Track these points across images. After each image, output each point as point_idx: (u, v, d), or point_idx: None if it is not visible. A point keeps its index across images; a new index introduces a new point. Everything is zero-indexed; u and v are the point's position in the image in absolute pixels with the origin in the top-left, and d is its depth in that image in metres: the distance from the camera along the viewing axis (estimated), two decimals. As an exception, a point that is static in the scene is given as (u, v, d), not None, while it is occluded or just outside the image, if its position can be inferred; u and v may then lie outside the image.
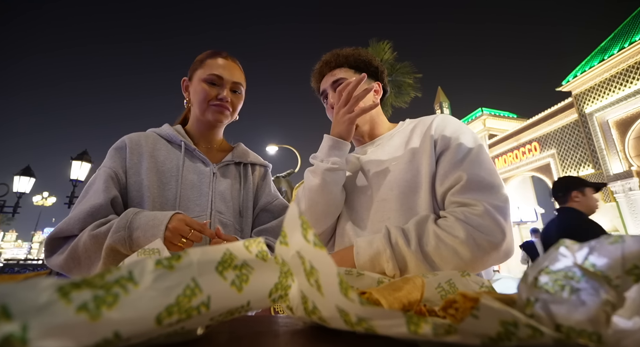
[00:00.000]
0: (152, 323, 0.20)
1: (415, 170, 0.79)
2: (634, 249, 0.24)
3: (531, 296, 0.24)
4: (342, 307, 0.24)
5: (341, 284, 0.23)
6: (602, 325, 0.21)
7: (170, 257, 0.22)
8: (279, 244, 0.30)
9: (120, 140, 0.92)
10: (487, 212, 0.64)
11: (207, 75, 0.91)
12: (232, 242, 0.27)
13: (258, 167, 1.08)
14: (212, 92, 0.91)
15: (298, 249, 0.27)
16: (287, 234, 0.28)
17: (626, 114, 9.98)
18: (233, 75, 0.94)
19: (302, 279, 0.28)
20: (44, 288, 0.17)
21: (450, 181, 0.72)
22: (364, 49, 1.00)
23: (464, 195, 0.68)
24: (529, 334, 0.19)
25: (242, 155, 1.05)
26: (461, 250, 0.62)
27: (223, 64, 0.94)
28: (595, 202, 2.15)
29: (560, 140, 12.35)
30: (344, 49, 1.00)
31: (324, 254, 0.24)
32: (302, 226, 0.26)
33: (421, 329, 0.20)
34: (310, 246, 0.25)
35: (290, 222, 0.27)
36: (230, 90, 0.95)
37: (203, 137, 1.01)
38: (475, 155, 0.74)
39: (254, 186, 1.03)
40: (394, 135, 0.94)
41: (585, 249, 0.26)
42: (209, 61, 0.94)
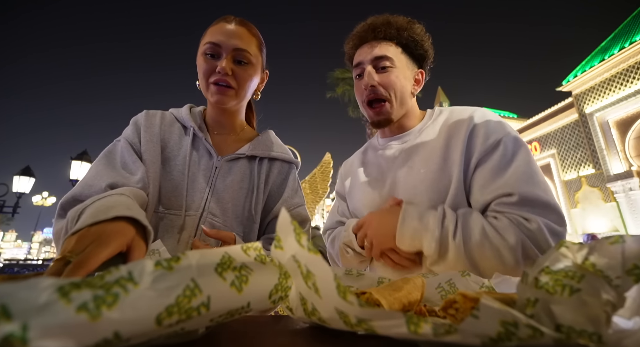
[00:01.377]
0: (152, 323, 0.20)
1: (447, 180, 0.71)
2: (634, 249, 0.24)
3: (531, 296, 0.24)
4: (341, 309, 0.24)
5: (338, 288, 0.23)
6: (603, 325, 0.21)
7: (170, 259, 0.22)
8: (274, 248, 0.30)
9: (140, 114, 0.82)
10: (541, 230, 0.59)
11: (205, 44, 0.74)
12: (229, 246, 0.27)
13: (279, 163, 0.87)
14: (209, 66, 0.74)
15: (293, 253, 0.27)
16: (281, 239, 0.29)
17: (626, 114, 9.98)
18: (234, 40, 0.74)
19: (299, 281, 0.28)
20: (44, 288, 0.17)
21: (496, 191, 0.65)
22: (419, 24, 0.84)
23: (518, 210, 0.62)
24: (529, 334, 0.19)
25: (262, 147, 0.86)
26: (506, 254, 0.58)
27: (225, 29, 0.75)
28: None
29: (560, 141, 12.35)
30: (398, 17, 0.83)
31: (319, 259, 0.24)
32: (294, 231, 0.26)
33: (421, 329, 0.20)
34: (304, 250, 0.25)
35: (283, 227, 0.27)
36: (232, 60, 0.75)
37: (217, 123, 0.85)
38: (525, 166, 0.66)
39: (267, 186, 0.84)
40: (422, 131, 0.82)
41: (585, 249, 0.26)
42: (211, 29, 0.77)
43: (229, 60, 0.74)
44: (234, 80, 0.76)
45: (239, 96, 0.78)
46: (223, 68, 0.73)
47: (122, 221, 0.46)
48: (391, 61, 0.80)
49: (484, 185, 0.67)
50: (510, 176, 0.65)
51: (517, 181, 0.64)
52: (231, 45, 0.74)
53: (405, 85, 0.81)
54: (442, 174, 0.72)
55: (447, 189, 0.70)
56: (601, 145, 10.52)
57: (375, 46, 0.81)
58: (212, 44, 0.74)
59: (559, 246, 0.28)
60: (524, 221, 0.60)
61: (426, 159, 0.76)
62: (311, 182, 4.65)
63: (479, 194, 0.67)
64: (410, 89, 0.84)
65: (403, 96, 0.81)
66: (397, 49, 0.81)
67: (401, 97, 0.81)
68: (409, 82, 0.83)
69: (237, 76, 0.76)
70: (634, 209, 9.74)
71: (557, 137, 12.42)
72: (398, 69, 0.80)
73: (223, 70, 0.73)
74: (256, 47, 0.80)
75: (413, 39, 0.82)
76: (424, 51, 0.84)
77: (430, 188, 0.72)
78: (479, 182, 0.68)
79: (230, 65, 0.74)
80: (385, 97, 0.79)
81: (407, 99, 0.83)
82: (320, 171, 4.72)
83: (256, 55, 0.79)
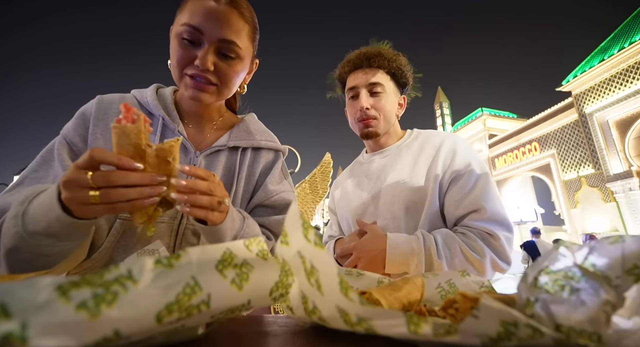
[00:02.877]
0: (152, 321, 0.20)
1: (422, 194, 0.85)
2: (633, 249, 0.24)
3: (531, 296, 0.24)
4: (342, 307, 0.24)
5: (341, 284, 0.23)
6: (602, 325, 0.21)
7: (170, 256, 0.22)
8: (280, 243, 0.30)
9: (90, 102, 0.67)
10: (501, 243, 0.76)
11: (182, 26, 0.59)
12: (231, 242, 0.27)
13: (265, 152, 0.77)
14: (186, 54, 0.60)
15: (299, 249, 0.27)
16: (287, 234, 0.29)
17: (626, 114, 9.99)
18: (221, 28, 0.59)
19: (302, 278, 0.28)
20: (43, 287, 0.17)
21: (467, 208, 0.80)
22: (404, 57, 0.98)
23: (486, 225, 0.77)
24: (529, 334, 0.19)
25: (244, 135, 0.75)
26: (479, 267, 0.74)
27: (210, 9, 0.59)
28: None
29: (560, 140, 12.35)
30: (386, 50, 0.97)
31: (324, 254, 0.24)
32: (303, 226, 0.26)
33: (421, 329, 0.20)
34: (310, 245, 0.25)
35: (291, 222, 0.27)
36: (217, 52, 0.61)
37: (192, 112, 0.73)
38: (486, 185, 0.82)
39: (253, 177, 0.74)
40: (402, 149, 0.97)
41: (585, 249, 0.26)
42: (190, 3, 0.61)
43: (212, 53, 0.60)
44: (216, 77, 0.62)
45: (221, 94, 0.66)
46: (203, 63, 0.59)
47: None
48: (382, 87, 0.93)
49: (457, 201, 0.82)
50: (479, 193, 0.80)
51: (483, 198, 0.80)
52: (216, 34, 0.59)
53: (392, 109, 0.96)
54: (417, 186, 0.86)
55: (421, 199, 0.85)
56: (601, 145, 10.53)
57: (369, 73, 0.94)
58: (192, 27, 0.58)
59: (559, 245, 0.28)
60: (488, 236, 0.76)
61: (404, 172, 0.90)
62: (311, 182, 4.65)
63: (453, 209, 0.82)
64: (395, 112, 0.99)
65: (389, 117, 0.96)
66: (387, 77, 0.95)
67: (388, 118, 0.95)
68: (394, 107, 0.98)
69: (220, 72, 0.62)
70: (633, 209, 9.75)
71: (557, 137, 12.43)
72: (387, 94, 0.94)
73: (203, 66, 0.59)
74: (248, 36, 0.65)
75: (399, 69, 0.96)
76: (406, 79, 1.00)
77: (407, 198, 0.85)
78: (453, 198, 0.83)
79: (212, 59, 0.60)
80: (375, 117, 0.94)
81: (392, 119, 0.97)
82: (320, 171, 4.72)
83: (247, 47, 0.65)
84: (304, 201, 5.20)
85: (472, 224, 0.78)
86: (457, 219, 0.82)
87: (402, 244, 0.76)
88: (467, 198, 0.80)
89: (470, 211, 0.80)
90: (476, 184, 0.82)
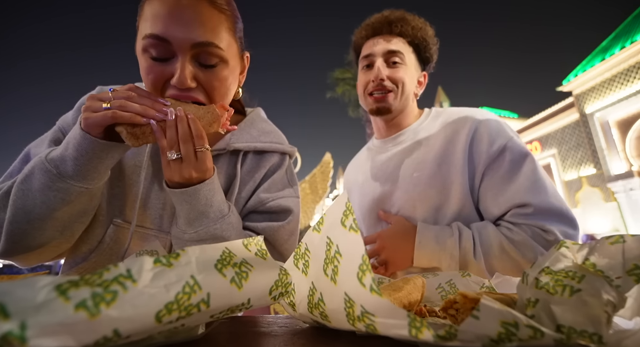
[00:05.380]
0: (151, 320, 0.20)
1: (440, 187, 0.72)
2: (634, 249, 0.24)
3: (532, 297, 0.24)
4: (351, 295, 0.24)
5: (361, 267, 0.23)
6: (603, 325, 0.21)
7: (169, 255, 0.22)
8: (312, 231, 0.30)
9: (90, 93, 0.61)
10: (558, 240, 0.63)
11: (145, 39, 0.48)
12: (230, 241, 0.27)
13: (269, 156, 0.68)
14: (159, 74, 0.50)
15: (329, 235, 0.27)
16: (323, 221, 0.29)
17: (627, 114, 9.97)
18: (191, 29, 0.48)
19: (318, 268, 0.28)
20: (42, 287, 0.17)
21: (509, 202, 0.66)
22: (431, 26, 0.84)
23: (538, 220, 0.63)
24: (530, 334, 0.19)
25: (246, 136, 0.66)
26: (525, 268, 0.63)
27: (171, 8, 0.48)
28: None
29: (561, 140, 12.34)
30: (413, 16, 0.83)
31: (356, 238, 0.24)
32: (344, 213, 0.26)
33: (422, 335, 0.20)
34: (345, 230, 0.25)
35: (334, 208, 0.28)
36: (194, 61, 0.50)
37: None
38: (531, 173, 0.66)
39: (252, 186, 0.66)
40: (418, 132, 0.82)
41: (585, 250, 0.26)
42: (147, 8, 0.49)
43: (189, 64, 0.49)
44: (202, 92, 0.52)
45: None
46: (181, 82, 0.49)
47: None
48: (402, 58, 0.79)
49: (496, 194, 0.67)
50: (521, 184, 0.65)
51: (528, 190, 0.65)
52: (188, 39, 0.48)
53: (411, 84, 0.82)
54: (437, 180, 0.72)
55: (441, 195, 0.71)
56: (602, 145, 10.51)
57: (389, 40, 0.80)
58: (156, 39, 0.47)
59: (559, 246, 0.28)
60: (542, 233, 0.62)
61: (421, 163, 0.76)
62: (311, 182, 4.65)
63: (493, 205, 0.68)
64: (414, 90, 0.85)
65: (407, 93, 0.81)
66: (409, 48, 0.82)
67: (406, 94, 0.81)
68: (414, 83, 0.83)
69: (205, 85, 0.52)
70: (634, 209, 9.73)
71: (558, 137, 12.41)
72: (407, 66, 0.80)
73: (182, 85, 0.49)
74: (228, 30, 0.53)
75: (424, 40, 0.82)
76: (430, 55, 0.85)
77: (424, 194, 0.73)
78: (491, 191, 0.68)
79: (191, 73, 0.50)
80: (391, 89, 0.79)
81: (409, 97, 0.83)
82: (320, 171, 4.73)
83: (230, 44, 0.53)
84: (304, 201, 5.19)
85: (519, 221, 0.64)
86: (497, 217, 0.69)
87: (433, 240, 0.66)
88: (507, 190, 0.66)
89: (513, 206, 0.65)
90: (518, 172, 0.66)
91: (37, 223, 0.49)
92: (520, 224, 0.64)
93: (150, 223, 0.61)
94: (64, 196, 0.48)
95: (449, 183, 0.71)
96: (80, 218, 0.54)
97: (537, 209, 0.63)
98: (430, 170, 0.73)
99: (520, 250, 0.61)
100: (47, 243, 0.52)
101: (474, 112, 0.78)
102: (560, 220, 0.63)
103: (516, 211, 0.65)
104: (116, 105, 0.46)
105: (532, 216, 0.63)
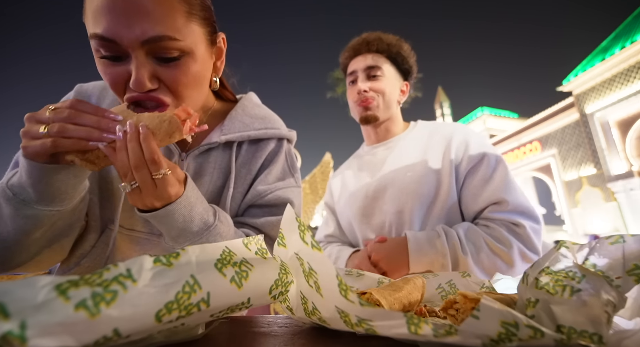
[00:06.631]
0: (151, 320, 0.20)
1: (431, 185, 0.81)
2: (634, 249, 0.24)
3: (532, 297, 0.24)
4: (342, 308, 0.24)
5: (340, 286, 0.23)
6: (603, 325, 0.21)
7: (169, 255, 0.22)
8: (277, 245, 0.30)
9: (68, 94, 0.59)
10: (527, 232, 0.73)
11: (92, 39, 0.44)
12: (230, 240, 0.27)
13: (264, 143, 0.64)
14: (115, 75, 0.45)
15: (296, 251, 0.27)
16: (284, 236, 0.29)
17: (627, 114, 9.97)
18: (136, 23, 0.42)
19: (301, 279, 0.28)
20: (42, 286, 0.17)
21: (487, 200, 0.77)
22: (406, 43, 0.96)
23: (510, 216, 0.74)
24: (530, 334, 0.19)
25: (238, 126, 0.62)
26: (507, 258, 0.71)
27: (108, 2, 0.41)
28: None
29: (561, 140, 12.33)
30: (388, 35, 0.95)
31: (322, 257, 0.24)
32: (299, 228, 0.26)
33: (421, 330, 0.20)
34: (308, 248, 0.25)
35: (287, 224, 0.27)
36: (148, 58, 0.45)
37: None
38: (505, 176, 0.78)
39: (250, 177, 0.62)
40: (407, 139, 0.92)
41: (585, 250, 0.26)
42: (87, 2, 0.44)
43: (145, 62, 0.44)
44: (167, 92, 0.47)
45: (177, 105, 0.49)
46: (139, 86, 0.44)
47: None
48: (381, 71, 0.91)
49: (475, 194, 0.79)
50: (497, 185, 0.77)
51: (503, 190, 0.76)
52: (135, 36, 0.42)
53: (392, 93, 0.93)
54: (428, 177, 0.82)
55: (434, 192, 0.81)
56: (602, 145, 10.51)
57: (367, 57, 0.92)
58: (101, 39, 0.42)
59: (559, 246, 0.28)
60: (513, 226, 0.73)
61: (412, 163, 0.86)
62: (311, 182, 4.65)
63: (473, 203, 0.79)
64: (397, 98, 0.95)
65: (390, 101, 0.92)
66: (387, 61, 0.93)
67: (388, 101, 0.92)
68: (396, 91, 0.95)
69: (168, 83, 0.46)
70: (634, 209, 9.73)
71: (558, 137, 12.40)
72: (386, 78, 0.92)
73: (140, 88, 0.44)
74: (185, 14, 0.45)
75: (400, 55, 0.94)
76: (409, 66, 0.97)
77: (417, 190, 0.82)
78: (471, 191, 0.80)
79: (149, 73, 0.44)
80: (374, 98, 0.91)
81: (393, 104, 0.94)
82: (320, 171, 4.73)
83: (190, 31, 0.46)
84: (304, 201, 5.20)
85: (494, 216, 0.75)
86: (476, 213, 0.79)
87: (425, 244, 0.73)
88: (485, 190, 0.77)
89: (491, 203, 0.76)
90: (494, 175, 0.78)
91: (15, 247, 0.46)
92: (495, 219, 0.75)
93: (141, 226, 0.58)
94: (34, 221, 0.45)
95: (438, 183, 0.81)
96: (65, 232, 0.51)
97: (511, 205, 0.74)
98: (422, 171, 0.83)
99: (499, 242, 0.71)
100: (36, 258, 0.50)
101: (458, 125, 0.92)
102: (528, 216, 0.74)
103: (493, 207, 0.76)
104: (54, 131, 0.38)
105: (507, 212, 0.74)
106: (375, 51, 0.93)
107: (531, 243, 0.72)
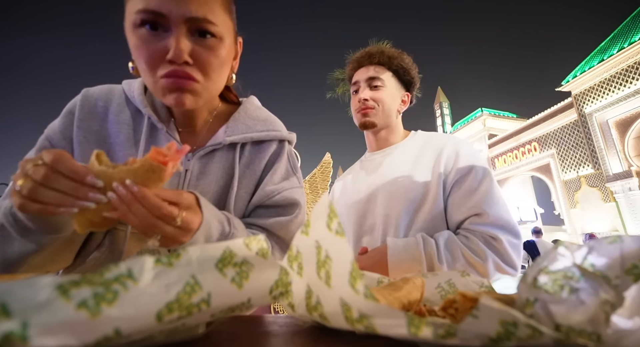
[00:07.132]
0: (152, 320, 0.20)
1: (418, 192, 0.85)
2: (632, 248, 0.24)
3: (531, 296, 0.24)
4: (346, 300, 0.24)
5: (352, 273, 0.23)
6: (602, 325, 0.21)
7: (170, 255, 0.22)
8: (300, 233, 0.30)
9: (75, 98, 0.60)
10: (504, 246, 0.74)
11: (136, 14, 0.47)
12: (232, 240, 0.27)
13: (267, 145, 0.66)
14: (153, 48, 0.48)
15: (317, 238, 0.27)
16: (310, 224, 0.29)
17: (626, 114, 9.99)
18: (185, 3, 0.47)
19: (311, 271, 0.28)
20: (44, 286, 0.17)
21: (469, 211, 0.79)
22: (407, 55, 1.02)
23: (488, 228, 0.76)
24: (529, 334, 0.19)
25: (241, 127, 0.64)
26: (482, 270, 0.73)
27: None
28: None
29: (560, 141, 12.36)
30: (390, 49, 1.01)
31: (342, 242, 0.24)
32: (328, 215, 0.26)
33: (421, 332, 0.20)
34: (331, 234, 0.25)
35: (318, 211, 0.27)
36: (189, 34, 0.49)
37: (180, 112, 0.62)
38: (489, 189, 0.81)
39: (254, 178, 0.64)
40: (403, 147, 0.98)
41: (584, 249, 0.26)
42: None
43: (184, 37, 0.48)
44: (198, 70, 0.50)
45: (207, 91, 0.53)
46: (178, 55, 0.47)
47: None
48: (382, 82, 0.96)
49: (459, 204, 0.81)
50: (481, 197, 0.79)
51: (486, 202, 0.78)
52: (182, 13, 0.47)
53: (392, 102, 0.98)
54: (416, 184, 0.86)
55: (421, 198, 0.84)
56: (600, 145, 10.53)
57: (370, 69, 0.98)
58: (149, 12, 0.46)
59: (558, 246, 0.28)
60: (491, 240, 0.75)
61: (403, 168, 0.90)
62: (311, 182, 4.65)
63: (456, 213, 0.82)
64: (397, 107, 1.00)
65: (389, 110, 0.97)
66: (388, 73, 0.98)
67: (387, 110, 0.97)
68: (396, 101, 1.00)
69: (201, 62, 0.50)
70: (633, 209, 9.75)
71: (557, 137, 12.43)
72: (387, 88, 0.97)
73: (179, 59, 0.47)
74: (223, 7, 0.52)
75: (402, 67, 0.99)
76: (411, 78, 1.01)
77: (405, 195, 0.85)
78: (455, 202, 0.82)
79: (188, 48, 0.48)
80: (373, 107, 0.96)
81: (392, 113, 0.98)
82: (320, 171, 4.72)
83: (224, 21, 0.52)
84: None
85: (474, 228, 0.77)
86: (458, 223, 0.82)
87: (403, 251, 0.76)
88: (469, 201, 0.80)
89: (472, 215, 0.79)
90: (479, 188, 0.81)
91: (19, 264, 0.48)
92: (474, 231, 0.77)
93: None
94: (36, 246, 0.46)
95: (425, 191, 0.84)
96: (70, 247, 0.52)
97: (492, 218, 0.76)
98: (412, 178, 0.87)
99: (475, 254, 0.73)
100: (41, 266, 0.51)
101: (449, 136, 0.96)
102: (507, 230, 0.76)
103: (474, 219, 0.78)
104: (24, 193, 0.36)
105: (486, 224, 0.76)
106: (377, 63, 0.98)
107: (508, 257, 0.74)
